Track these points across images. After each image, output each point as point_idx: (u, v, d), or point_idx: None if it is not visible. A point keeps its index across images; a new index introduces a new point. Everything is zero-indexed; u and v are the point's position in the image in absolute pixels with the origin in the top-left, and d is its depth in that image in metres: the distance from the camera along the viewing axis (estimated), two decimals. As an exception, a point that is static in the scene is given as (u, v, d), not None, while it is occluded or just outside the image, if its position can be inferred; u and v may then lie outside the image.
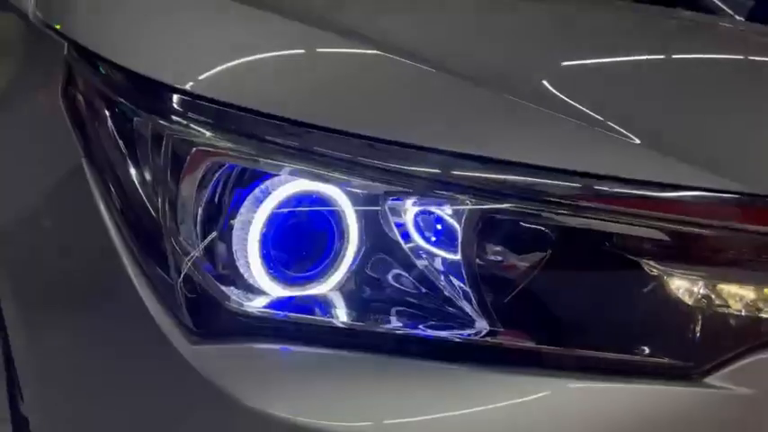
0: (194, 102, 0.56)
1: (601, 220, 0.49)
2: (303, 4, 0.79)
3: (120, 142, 0.59)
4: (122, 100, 0.62)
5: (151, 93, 0.59)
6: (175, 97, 0.57)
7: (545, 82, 0.63)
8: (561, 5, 1.03)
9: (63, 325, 0.60)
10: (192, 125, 0.55)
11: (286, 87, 0.60)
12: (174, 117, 0.56)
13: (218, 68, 0.61)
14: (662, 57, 0.85)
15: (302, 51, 0.67)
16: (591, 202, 0.49)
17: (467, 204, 0.49)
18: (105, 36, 0.68)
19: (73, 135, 0.64)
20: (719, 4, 1.57)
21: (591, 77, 0.70)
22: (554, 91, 0.61)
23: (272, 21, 0.67)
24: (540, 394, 0.47)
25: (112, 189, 0.57)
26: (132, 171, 0.57)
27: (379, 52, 0.61)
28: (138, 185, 0.56)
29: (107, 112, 0.62)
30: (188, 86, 0.57)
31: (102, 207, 0.56)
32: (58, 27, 0.74)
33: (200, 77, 0.59)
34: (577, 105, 0.57)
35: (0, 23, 1.11)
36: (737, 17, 1.54)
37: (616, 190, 0.49)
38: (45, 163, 0.67)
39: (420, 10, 0.87)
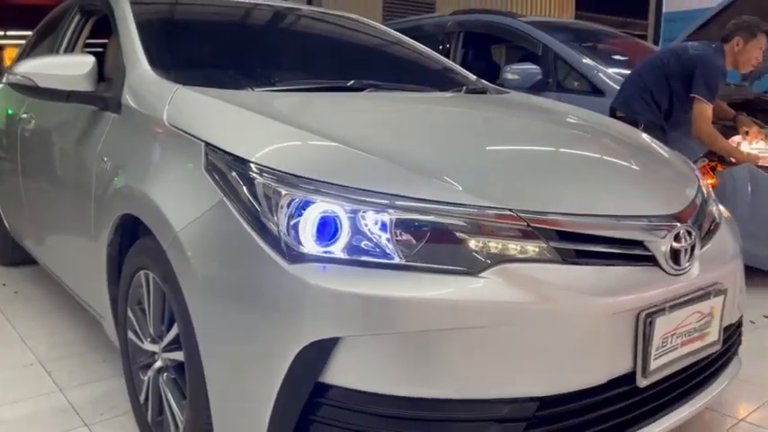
0: (266, 168, 1.36)
1: (438, 219, 1.29)
2: (294, 116, 1.63)
3: (243, 187, 1.37)
4: (236, 168, 1.40)
5: (245, 164, 1.38)
6: (256, 166, 1.36)
7: (415, 155, 1.47)
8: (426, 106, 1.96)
9: (228, 279, 1.36)
10: (269, 180, 1.34)
11: (300, 160, 1.40)
12: (258, 175, 1.35)
13: (272, 153, 1.41)
14: (486, 139, 1.71)
15: (304, 143, 1.49)
16: (434, 212, 1.30)
17: (390, 214, 1.29)
18: (224, 138, 1.48)
19: (215, 186, 1.42)
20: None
21: (441, 156, 1.52)
22: (419, 160, 1.44)
23: (281, 128, 1.52)
24: (417, 282, 1.26)
25: (243, 209, 1.35)
26: (249, 199, 1.35)
27: (338, 144, 1.45)
28: (253, 204, 1.33)
29: (232, 174, 1.40)
30: (261, 161, 1.37)
31: (239, 217, 1.34)
32: (196, 134, 1.53)
33: (268, 157, 1.39)
34: (432, 169, 1.40)
35: (129, 121, 1.88)
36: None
37: (443, 207, 1.30)
38: (199, 200, 1.44)
39: (364, 120, 1.72)
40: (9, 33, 12.52)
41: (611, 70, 4.05)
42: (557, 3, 15.22)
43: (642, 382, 1.39)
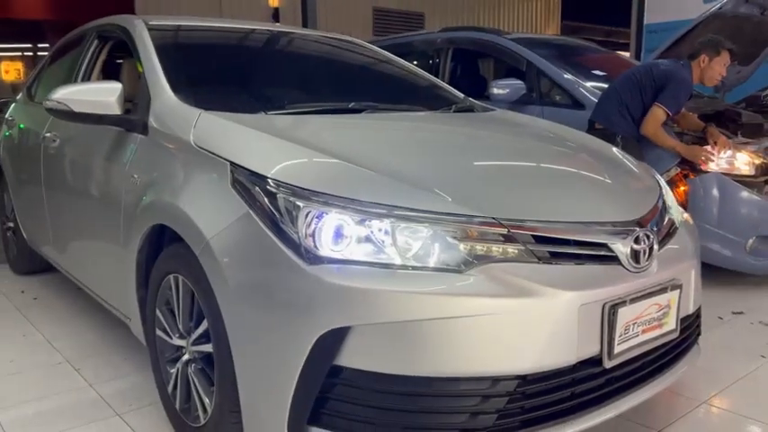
0: (282, 183, 1.60)
1: (432, 226, 1.53)
2: (305, 136, 1.86)
3: (266, 200, 1.61)
4: (258, 184, 1.64)
5: (265, 180, 1.62)
6: (274, 181, 1.60)
7: (411, 170, 1.71)
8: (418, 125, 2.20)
9: (255, 279, 1.59)
10: (285, 193, 1.58)
11: (312, 177, 1.64)
12: (277, 189, 1.59)
13: (287, 169, 1.65)
14: (468, 156, 1.95)
15: (315, 161, 1.73)
16: (427, 221, 1.54)
17: (391, 223, 1.53)
18: (246, 158, 1.71)
19: (240, 199, 1.65)
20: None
21: (433, 171, 1.77)
22: (414, 175, 1.68)
23: (294, 148, 1.76)
24: (415, 279, 1.50)
25: (266, 219, 1.58)
26: (271, 211, 1.58)
27: (343, 161, 1.69)
28: (276, 215, 1.57)
29: (256, 189, 1.63)
30: (279, 177, 1.61)
31: (263, 226, 1.58)
32: (221, 154, 1.77)
33: (283, 173, 1.63)
34: (426, 183, 1.64)
35: (161, 144, 2.11)
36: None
37: (436, 216, 1.54)
38: (227, 211, 1.67)
39: (364, 139, 1.96)
40: (2, 46, 12.73)
41: (591, 84, 4.31)
42: (543, 13, 15.60)
43: (608, 364, 1.64)
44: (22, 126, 3.57)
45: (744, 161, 3.66)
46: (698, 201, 3.59)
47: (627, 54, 8.18)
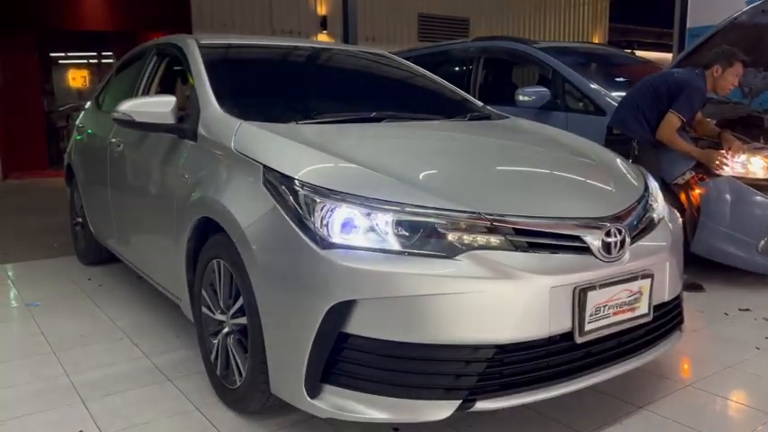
0: (306, 183, 1.92)
1: (427, 219, 1.84)
2: (327, 144, 2.19)
3: (290, 197, 1.94)
4: (285, 183, 1.97)
5: (291, 180, 1.95)
6: (299, 182, 1.93)
7: (414, 172, 2.01)
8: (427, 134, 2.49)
9: (280, 261, 1.92)
10: (307, 191, 1.91)
11: (330, 178, 1.96)
12: (301, 188, 1.92)
13: (310, 172, 1.98)
14: (464, 161, 2.24)
15: (333, 165, 2.05)
16: (423, 215, 1.84)
17: (393, 216, 1.83)
18: (276, 161, 2.05)
19: (270, 196, 1.99)
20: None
21: (433, 173, 2.07)
22: (416, 176, 1.98)
23: (317, 154, 2.08)
24: (411, 263, 1.80)
25: (290, 212, 1.91)
26: (294, 205, 1.91)
27: (356, 165, 2.01)
28: (297, 209, 1.90)
29: (282, 187, 1.97)
30: (304, 178, 1.93)
31: (287, 218, 1.91)
32: (256, 158, 2.11)
33: (307, 175, 1.96)
34: (424, 183, 1.94)
35: (207, 149, 2.48)
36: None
37: (431, 211, 1.84)
38: (259, 206, 2.01)
39: (379, 146, 2.27)
40: (70, 54, 13.66)
41: (612, 91, 4.50)
42: (590, 16, 15.57)
43: (579, 339, 1.89)
44: (90, 132, 4.04)
45: (758, 165, 3.81)
46: (711, 203, 3.76)
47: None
